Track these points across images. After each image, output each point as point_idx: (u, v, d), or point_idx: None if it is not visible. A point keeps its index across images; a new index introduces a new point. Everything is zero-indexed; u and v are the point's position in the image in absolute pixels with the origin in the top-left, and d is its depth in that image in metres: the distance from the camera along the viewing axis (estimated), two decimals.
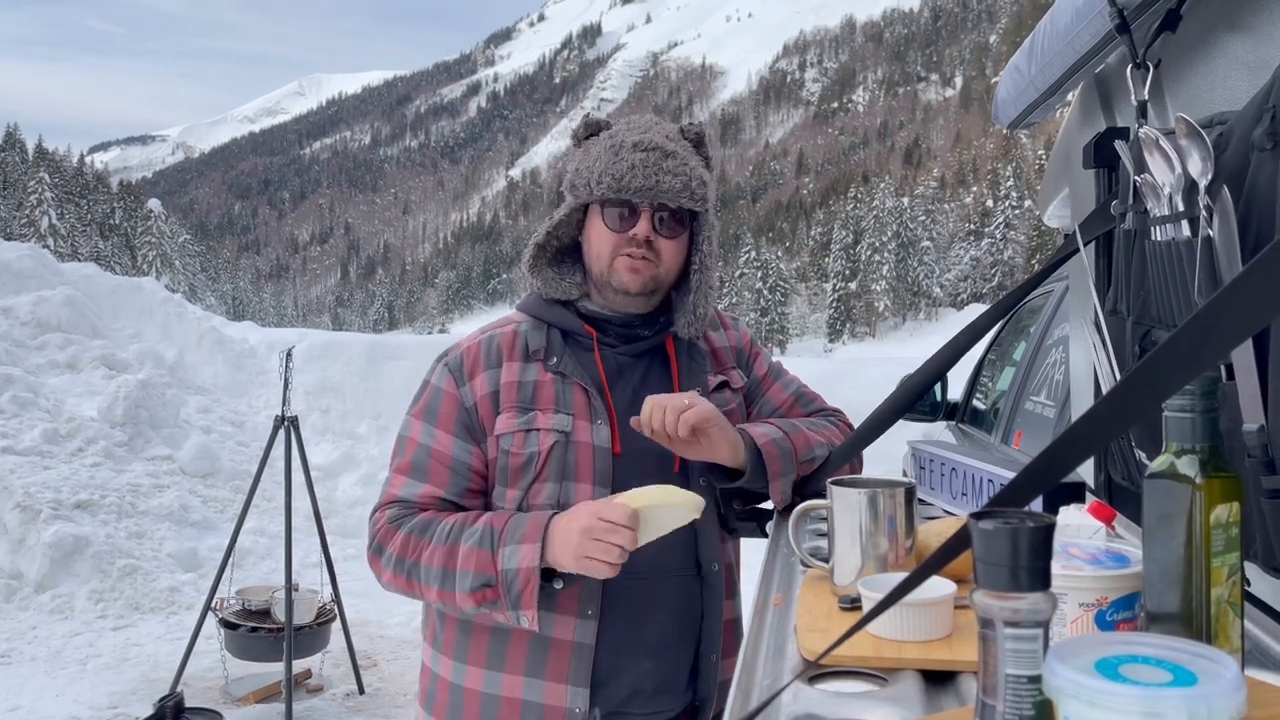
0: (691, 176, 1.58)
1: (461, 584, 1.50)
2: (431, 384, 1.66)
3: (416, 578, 1.54)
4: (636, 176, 1.55)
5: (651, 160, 1.55)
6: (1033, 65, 1.95)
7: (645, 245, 1.59)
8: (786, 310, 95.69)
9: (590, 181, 1.58)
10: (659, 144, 1.57)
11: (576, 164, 1.63)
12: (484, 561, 1.49)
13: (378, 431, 9.26)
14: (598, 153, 1.59)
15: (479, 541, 1.50)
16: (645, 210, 1.59)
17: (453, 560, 1.51)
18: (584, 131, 1.67)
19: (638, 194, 1.56)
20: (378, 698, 4.75)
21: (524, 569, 1.46)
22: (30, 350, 7.94)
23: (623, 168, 1.55)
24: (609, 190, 1.56)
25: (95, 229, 73.99)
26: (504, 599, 1.48)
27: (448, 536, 1.53)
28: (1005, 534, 0.67)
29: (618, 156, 1.56)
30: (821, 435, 1.71)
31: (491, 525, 1.52)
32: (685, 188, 1.57)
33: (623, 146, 1.57)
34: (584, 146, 1.66)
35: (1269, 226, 1.03)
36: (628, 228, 1.59)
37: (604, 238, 1.61)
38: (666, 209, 1.60)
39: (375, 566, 1.61)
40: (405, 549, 1.55)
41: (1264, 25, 1.24)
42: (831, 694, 0.94)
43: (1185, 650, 0.63)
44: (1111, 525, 1.06)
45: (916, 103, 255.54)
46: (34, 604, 5.67)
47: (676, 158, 1.58)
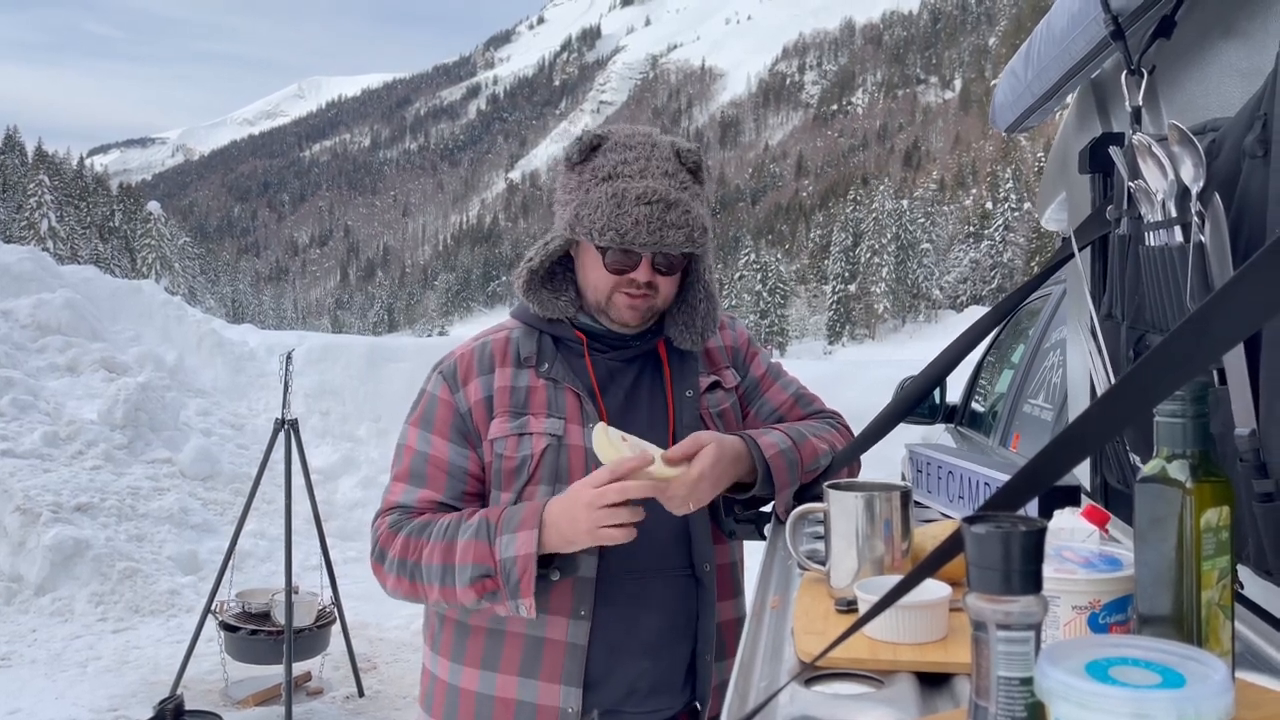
0: (694, 226, 1.57)
1: (461, 577, 1.51)
2: (428, 392, 1.68)
3: (419, 578, 1.56)
4: (641, 233, 1.53)
5: (656, 214, 1.54)
6: (1029, 70, 1.96)
7: (645, 285, 1.61)
8: (786, 312, 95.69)
9: (593, 230, 1.55)
10: (663, 195, 1.55)
11: (575, 207, 1.59)
12: (482, 553, 1.50)
13: (377, 434, 9.27)
14: (598, 200, 1.55)
15: (476, 534, 1.52)
16: (646, 257, 1.59)
17: (451, 555, 1.53)
18: (578, 156, 1.63)
19: (643, 248, 1.56)
20: (377, 700, 4.75)
21: (521, 556, 1.48)
22: (30, 353, 7.95)
23: (627, 223, 1.53)
24: (612, 242, 1.55)
25: (95, 231, 74.00)
26: (503, 589, 1.50)
27: (445, 533, 1.55)
28: (997, 538, 0.67)
29: (621, 209, 1.54)
30: (825, 443, 1.72)
31: (487, 518, 1.54)
32: (689, 239, 1.57)
33: (625, 199, 1.54)
34: (580, 177, 1.61)
35: (1260, 233, 1.04)
36: (628, 271, 1.60)
37: (601, 277, 1.62)
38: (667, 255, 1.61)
39: (379, 574, 1.62)
40: (405, 550, 1.57)
41: (1258, 32, 1.25)
42: (828, 696, 0.94)
43: (1174, 653, 0.64)
44: (1105, 529, 1.07)
45: (916, 105, 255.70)
46: (34, 607, 5.67)
47: (679, 207, 1.56)
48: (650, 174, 1.59)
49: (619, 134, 1.65)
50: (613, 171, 1.59)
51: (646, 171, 1.59)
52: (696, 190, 1.63)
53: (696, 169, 1.65)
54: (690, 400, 1.70)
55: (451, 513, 1.61)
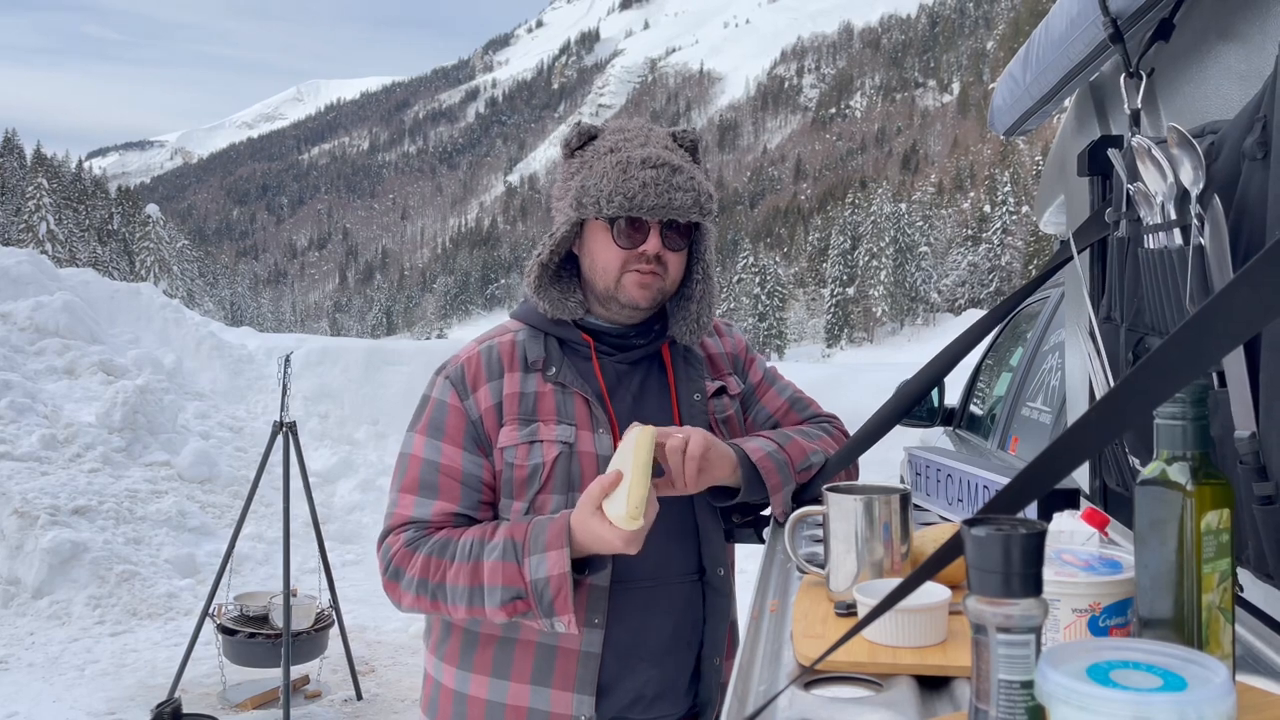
0: (700, 191, 1.58)
1: (491, 599, 1.48)
2: (434, 398, 1.63)
3: (442, 598, 1.52)
4: (649, 195, 1.53)
5: (662, 177, 1.54)
6: (1028, 73, 1.96)
7: (654, 260, 1.59)
8: (784, 316, 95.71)
9: (600, 200, 1.55)
10: (666, 160, 1.56)
11: (580, 180, 1.59)
12: (511, 575, 1.47)
13: (376, 437, 9.26)
14: (603, 169, 1.56)
15: (502, 555, 1.48)
16: (655, 226, 1.58)
17: (479, 577, 1.49)
18: (577, 141, 1.64)
19: (650, 212, 1.55)
20: (375, 703, 4.75)
21: (554, 576, 1.45)
22: (28, 356, 7.94)
23: (634, 186, 1.53)
24: (620, 209, 1.54)
25: (93, 234, 73.94)
26: (536, 609, 1.47)
27: (470, 554, 1.50)
28: (998, 540, 0.67)
29: (626, 174, 1.54)
30: (816, 443, 1.71)
31: (512, 537, 1.50)
32: (695, 203, 1.57)
33: (630, 164, 1.55)
34: (581, 158, 1.63)
35: (1260, 235, 1.04)
36: (638, 244, 1.58)
37: (612, 254, 1.59)
38: (674, 223, 1.60)
39: (393, 592, 1.57)
40: (427, 571, 1.52)
41: (1256, 34, 1.25)
42: (827, 699, 0.94)
43: (1175, 656, 0.64)
44: (1105, 531, 1.07)
45: (914, 108, 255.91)
46: (31, 610, 5.66)
47: (684, 172, 1.57)
48: (652, 144, 1.60)
49: (613, 124, 1.67)
50: (614, 145, 1.60)
51: (648, 143, 1.60)
52: (696, 166, 1.64)
53: (693, 148, 1.66)
54: (699, 404, 1.69)
55: (469, 526, 1.56)
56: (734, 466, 1.58)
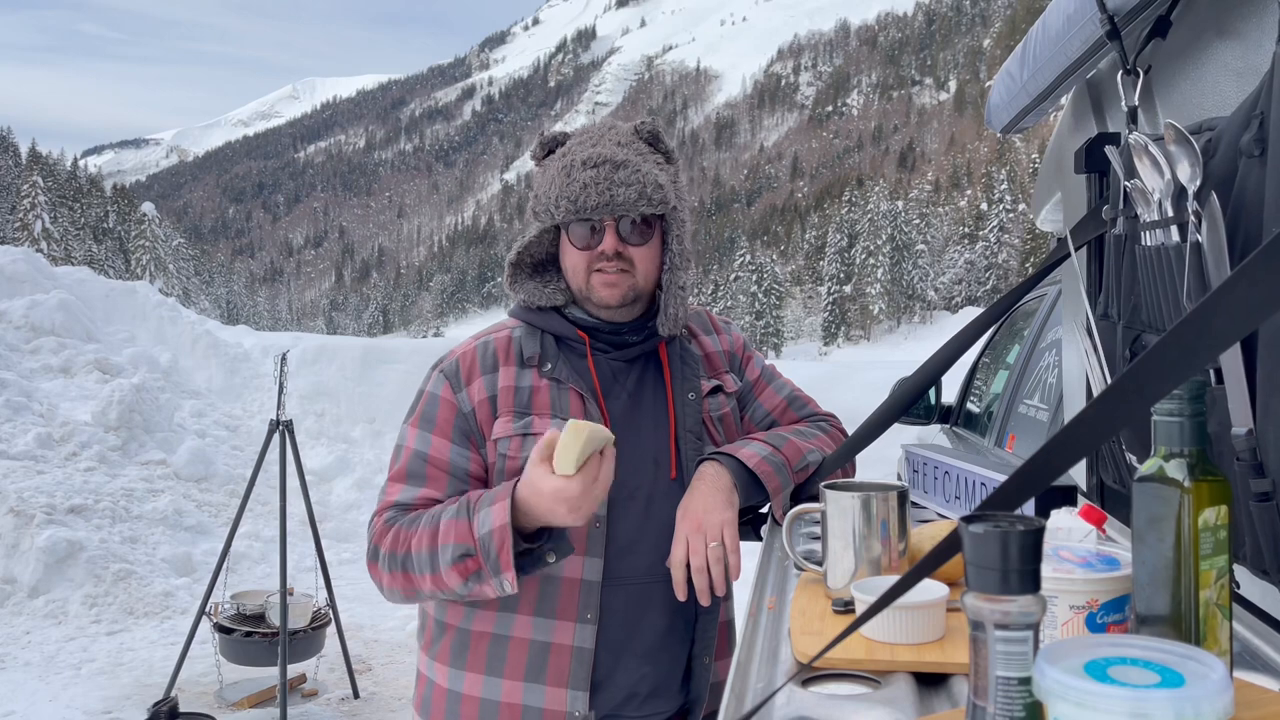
0: (646, 183, 1.57)
1: (444, 559, 1.47)
2: (428, 391, 1.65)
3: (410, 568, 1.52)
4: (590, 195, 1.54)
5: (603, 175, 1.55)
6: (1025, 70, 1.96)
7: (616, 258, 1.59)
8: (781, 314, 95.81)
9: (549, 206, 1.58)
10: (609, 156, 1.56)
11: (536, 187, 1.63)
12: (462, 532, 1.46)
13: (372, 435, 9.26)
14: (552, 175, 1.59)
15: (456, 513, 1.49)
16: (609, 224, 1.59)
17: (434, 540, 1.49)
18: (541, 151, 1.67)
19: (595, 212, 1.55)
20: (372, 702, 4.75)
21: (496, 529, 1.43)
22: (24, 354, 7.93)
23: (575, 188, 1.55)
24: (567, 213, 1.56)
25: (89, 233, 73.85)
26: (485, 566, 1.45)
27: (432, 520, 1.52)
28: (995, 537, 0.67)
29: (570, 177, 1.56)
30: (812, 442, 1.71)
31: (468, 498, 1.51)
32: (641, 196, 1.56)
33: (573, 166, 1.57)
34: (543, 166, 1.66)
35: (1256, 232, 1.04)
36: (595, 244, 1.59)
37: (576, 256, 1.62)
38: (629, 219, 1.60)
39: (374, 573, 1.59)
40: (395, 543, 1.53)
41: (1253, 31, 1.25)
42: (825, 696, 0.94)
43: (1173, 652, 0.64)
44: (1103, 528, 1.07)
45: (910, 106, 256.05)
46: (27, 609, 5.66)
47: (628, 167, 1.56)
48: (603, 143, 1.61)
49: (582, 129, 1.68)
50: (565, 151, 1.63)
51: (599, 142, 1.61)
52: (655, 158, 1.63)
53: (653, 138, 1.66)
54: (693, 403, 1.69)
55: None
56: (729, 485, 1.58)
